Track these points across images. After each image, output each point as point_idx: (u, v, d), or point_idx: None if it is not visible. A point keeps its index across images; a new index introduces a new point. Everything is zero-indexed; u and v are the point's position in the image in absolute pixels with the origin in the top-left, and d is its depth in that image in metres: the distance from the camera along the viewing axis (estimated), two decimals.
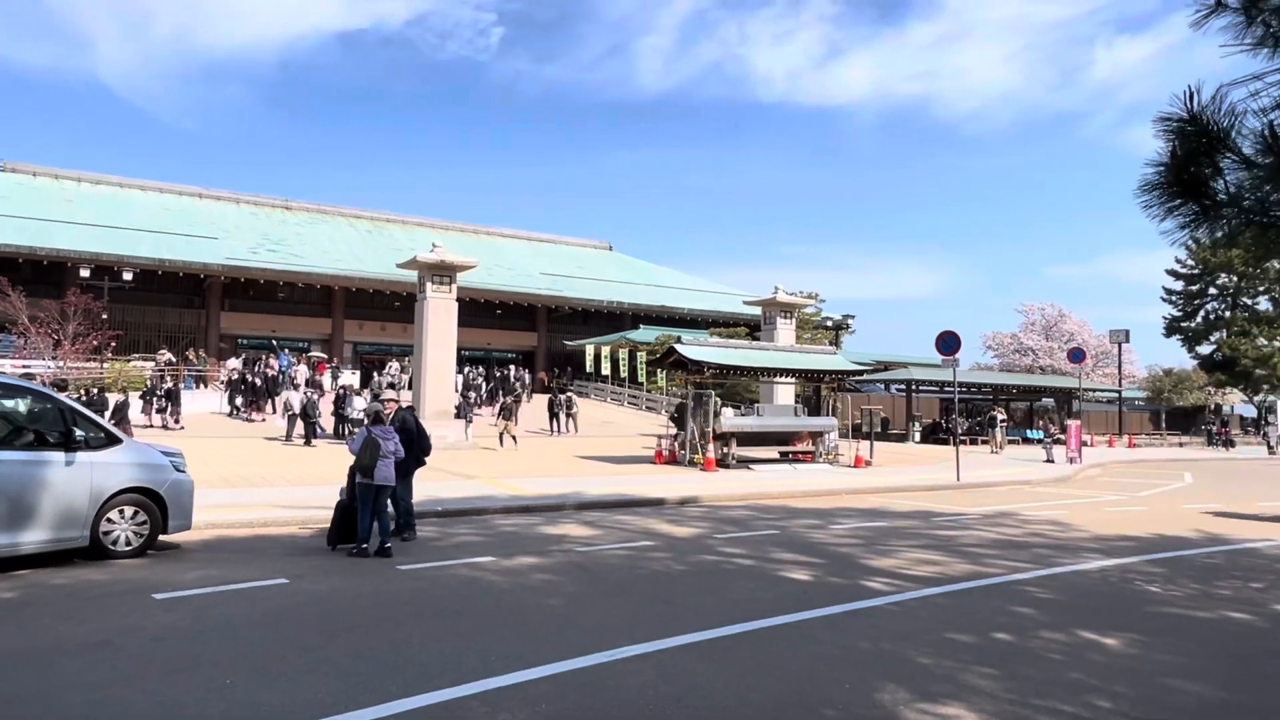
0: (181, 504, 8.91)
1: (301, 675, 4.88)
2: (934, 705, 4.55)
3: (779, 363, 22.84)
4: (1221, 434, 42.56)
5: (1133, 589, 7.85)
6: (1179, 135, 2.70)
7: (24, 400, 8.28)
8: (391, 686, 4.65)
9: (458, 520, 11.54)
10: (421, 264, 22.76)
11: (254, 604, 6.69)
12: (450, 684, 4.68)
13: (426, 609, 6.61)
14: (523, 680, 4.81)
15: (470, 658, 5.23)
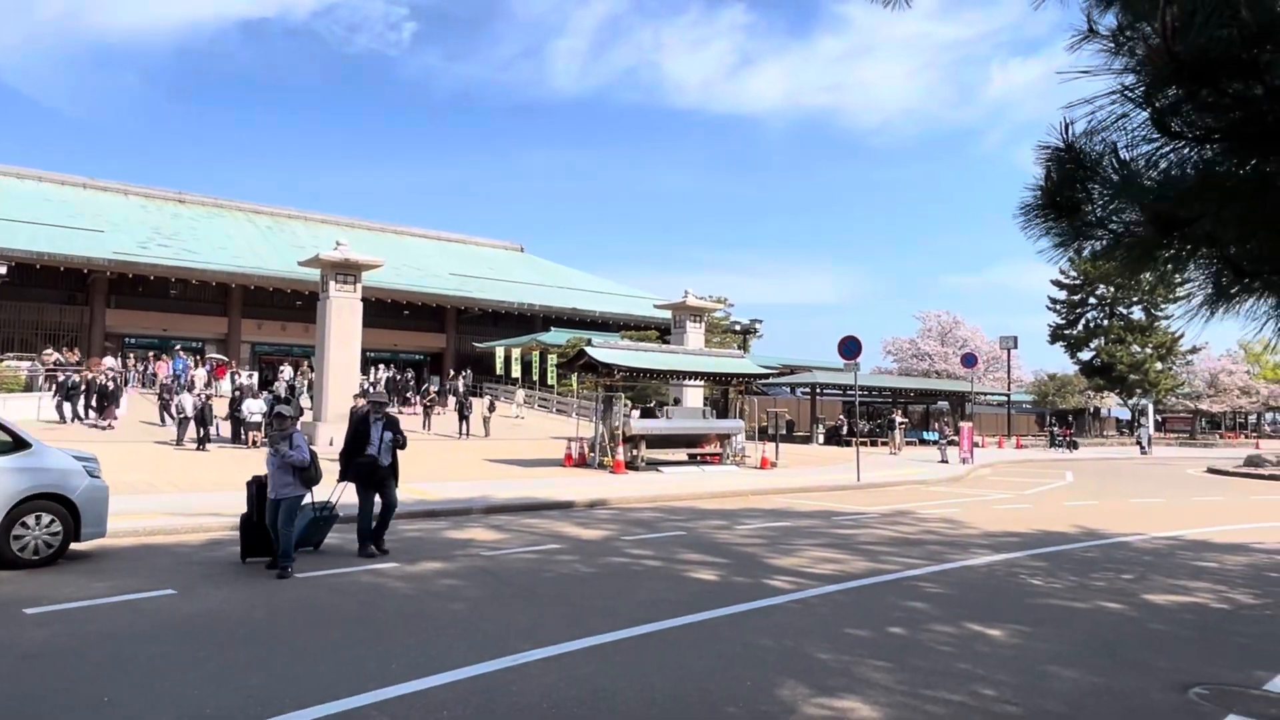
0: (96, 511, 8.58)
1: (188, 689, 4.67)
2: (831, 699, 4.69)
3: (688, 366, 23.11)
4: (1065, 435, 41.57)
5: (1017, 582, 8.27)
6: (1055, 162, 2.88)
7: None
8: (285, 698, 4.49)
9: None
10: (324, 262, 22.09)
11: (139, 616, 6.36)
12: (348, 694, 4.56)
13: (324, 618, 6.41)
14: (424, 688, 4.72)
15: (369, 666, 5.11)
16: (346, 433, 9.15)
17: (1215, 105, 2.17)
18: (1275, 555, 10.29)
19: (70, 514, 8.34)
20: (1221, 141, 2.24)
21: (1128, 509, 15.30)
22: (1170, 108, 2.24)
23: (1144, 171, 2.38)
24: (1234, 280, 2.47)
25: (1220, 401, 60.35)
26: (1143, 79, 2.28)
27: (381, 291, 38.35)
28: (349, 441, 9.05)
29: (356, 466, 8.92)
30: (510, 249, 59.38)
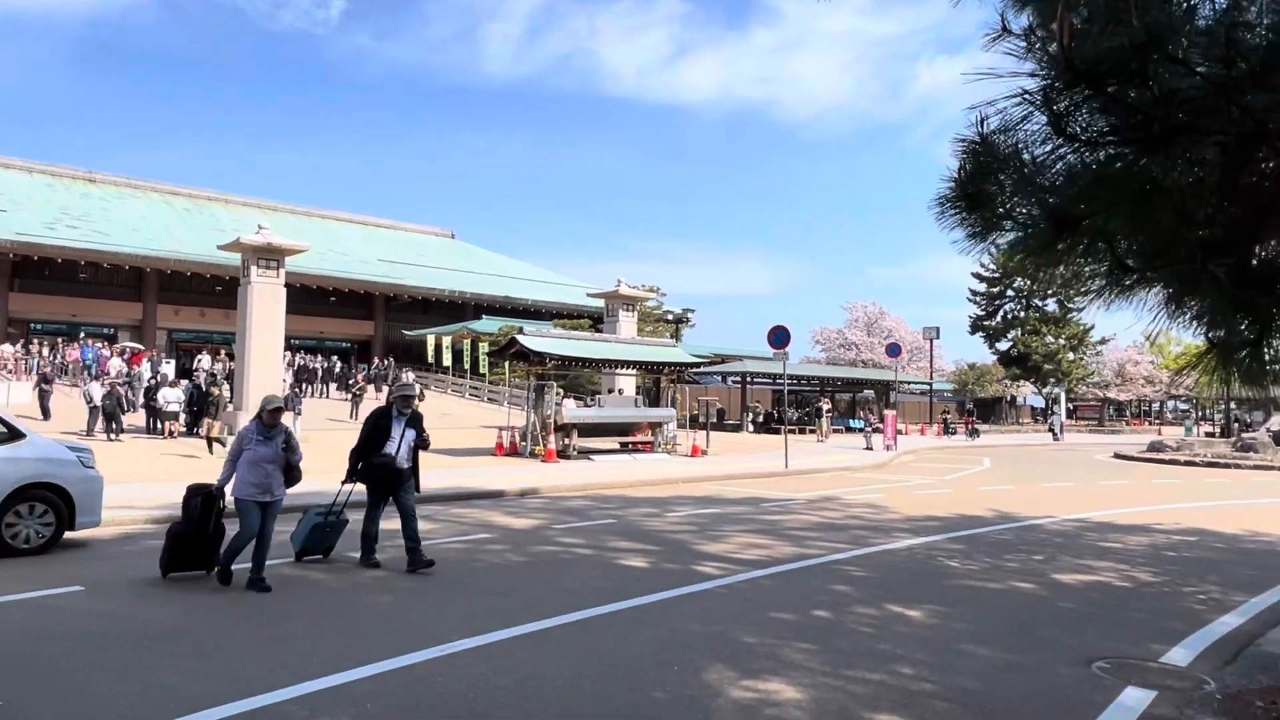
0: (90, 501, 8.72)
1: (95, 689, 4.49)
2: (756, 681, 4.79)
3: (621, 355, 23.15)
4: (968, 424, 41.22)
5: (936, 565, 8.55)
6: (969, 155, 2.97)
7: None
8: (200, 696, 4.36)
9: (284, 519, 10.91)
10: (246, 246, 21.38)
11: (43, 615, 6.09)
12: (266, 689, 4.45)
13: (243, 613, 6.24)
14: (347, 680, 4.64)
15: (290, 661, 4.99)
16: (363, 428, 7.89)
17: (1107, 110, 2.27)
18: (1173, 535, 10.87)
19: (65, 504, 8.44)
20: (1112, 144, 2.35)
21: (1040, 493, 15.95)
22: (1067, 111, 2.34)
23: (1042, 170, 2.48)
24: (1123, 274, 2.60)
25: (1127, 390, 63.32)
26: (1042, 82, 2.37)
27: (307, 277, 37.35)
28: (364, 439, 7.79)
29: (371, 467, 7.71)
30: (441, 235, 58.43)
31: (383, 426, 7.78)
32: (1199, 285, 2.47)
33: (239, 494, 6.88)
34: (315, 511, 8.06)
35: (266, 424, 6.98)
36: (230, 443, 7.15)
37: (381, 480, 7.78)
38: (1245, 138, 2.21)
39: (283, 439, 7.09)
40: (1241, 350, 2.73)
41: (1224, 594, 7.47)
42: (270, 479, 6.97)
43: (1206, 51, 2.11)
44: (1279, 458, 24.89)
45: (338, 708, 4.24)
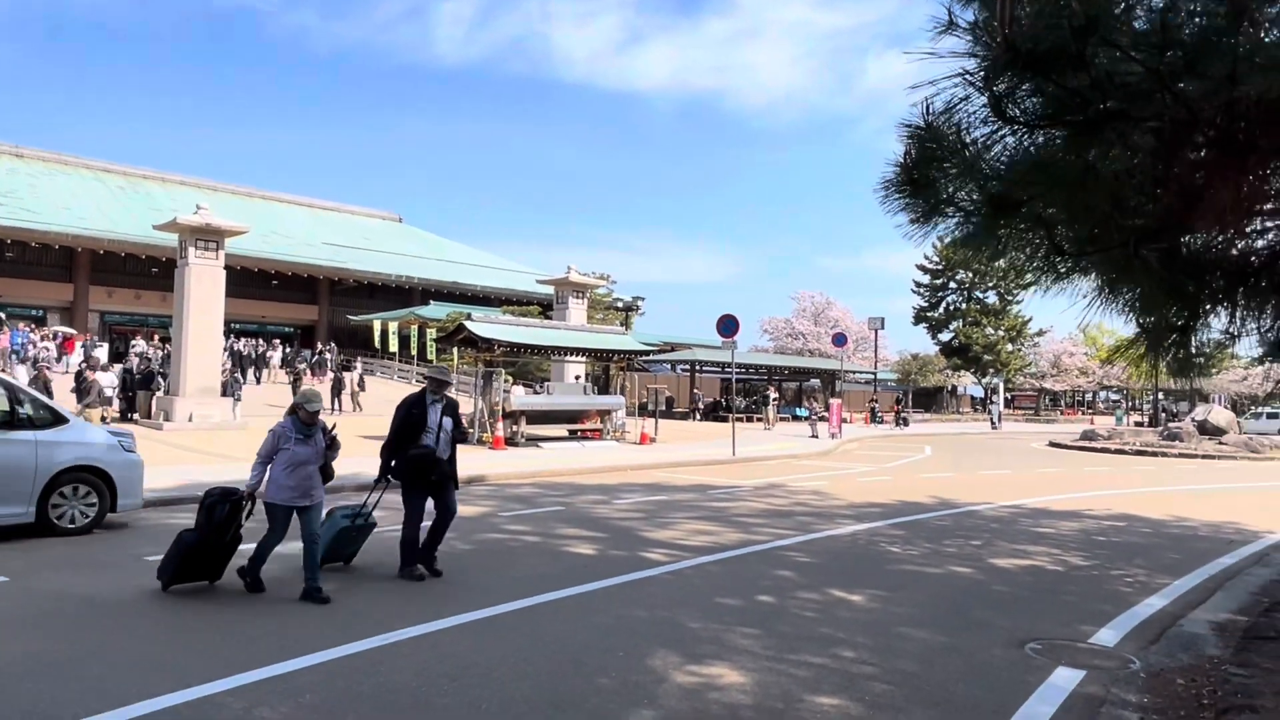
0: (131, 483, 9.05)
1: (16, 683, 4.33)
2: (700, 666, 4.83)
3: (570, 342, 23.07)
4: (895, 411, 41.10)
5: (878, 550, 8.72)
6: (914, 141, 3.00)
7: None
8: (130, 689, 4.23)
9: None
10: (183, 227, 20.71)
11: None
12: (202, 681, 4.34)
13: (176, 603, 6.07)
14: (286, 671, 4.55)
15: (228, 651, 4.88)
16: (394, 418, 7.08)
17: (1045, 92, 2.32)
18: (1103, 521, 11.26)
19: (107, 486, 8.77)
20: (1049, 127, 2.40)
21: (978, 480, 16.37)
22: (1007, 93, 2.39)
23: (983, 155, 2.53)
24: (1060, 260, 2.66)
25: (1062, 381, 65.24)
26: (982, 65, 2.41)
27: (248, 260, 36.40)
28: (397, 429, 6.99)
29: (408, 461, 6.89)
30: (388, 219, 57.45)
31: (416, 415, 6.95)
32: (1131, 271, 2.55)
33: (273, 498, 6.19)
34: (342, 513, 7.17)
35: (305, 421, 6.27)
36: (264, 442, 6.23)
37: (421, 474, 6.90)
38: (1178, 125, 2.28)
39: (325, 436, 6.43)
40: (1170, 336, 2.83)
41: (1149, 577, 7.76)
42: (310, 480, 6.27)
43: (1143, 38, 2.17)
44: (1202, 446, 25.95)
45: (276, 699, 4.16)
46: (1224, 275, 2.66)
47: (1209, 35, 2.13)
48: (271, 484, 6.21)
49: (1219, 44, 2.09)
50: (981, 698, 4.50)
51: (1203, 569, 8.19)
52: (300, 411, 6.31)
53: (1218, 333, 3.01)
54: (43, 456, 8.36)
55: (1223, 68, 2.05)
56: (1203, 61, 2.09)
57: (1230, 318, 2.83)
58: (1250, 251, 2.82)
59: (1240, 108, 2.10)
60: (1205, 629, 5.96)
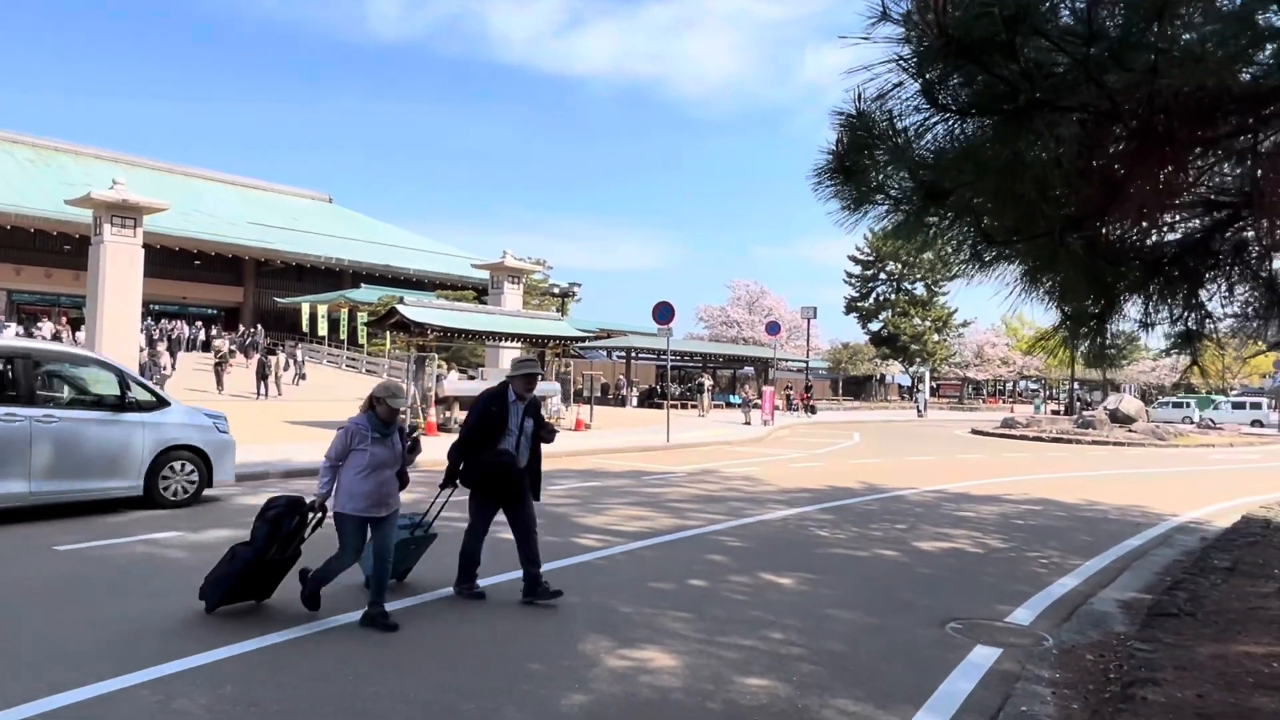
0: (224, 460, 9.89)
1: None
2: (632, 650, 4.85)
3: (505, 327, 22.85)
4: (802, 400, 39.94)
5: (807, 534, 8.90)
6: (847, 128, 3.04)
7: (87, 367, 9.52)
8: (37, 684, 4.05)
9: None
10: (98, 202, 19.80)
11: None
12: (115, 674, 4.18)
13: (88, 593, 5.83)
14: (206, 662, 4.42)
15: (144, 643, 4.71)
16: (470, 415, 6.08)
17: (975, 80, 2.38)
18: (1021, 505, 11.70)
19: (204, 463, 9.57)
20: (979, 115, 2.46)
21: (905, 466, 16.83)
22: (939, 79, 2.44)
23: (914, 142, 2.58)
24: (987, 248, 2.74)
25: (984, 370, 67.46)
26: (915, 52, 2.45)
27: (168, 238, 35.02)
28: (472, 429, 5.95)
29: (482, 469, 5.86)
30: (318, 199, 55.92)
31: (495, 414, 5.85)
32: (1055, 260, 2.64)
33: (346, 508, 5.25)
34: (401, 523, 6.07)
35: (383, 418, 5.31)
36: (332, 442, 5.29)
37: (495, 484, 5.87)
38: (1102, 116, 2.37)
39: (406, 436, 5.59)
40: (1088, 324, 2.94)
41: (1063, 558, 8.09)
42: (388, 487, 5.37)
43: (1071, 30, 2.24)
44: (1113, 434, 27.15)
45: (195, 690, 4.03)
46: (1140, 265, 2.78)
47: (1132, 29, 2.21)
48: (342, 492, 5.26)
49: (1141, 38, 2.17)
50: (904, 676, 4.64)
51: (1112, 550, 8.58)
52: (379, 406, 5.30)
53: (1133, 322, 3.16)
54: (149, 436, 9.15)
55: (1145, 61, 2.14)
56: (1127, 55, 2.17)
57: (1144, 307, 2.96)
58: (1165, 243, 2.95)
59: (1160, 101, 2.19)
60: (1113, 607, 6.26)
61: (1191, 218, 3.04)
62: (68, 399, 9.06)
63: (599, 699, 4.11)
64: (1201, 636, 5.14)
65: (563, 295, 38.68)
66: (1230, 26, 2.17)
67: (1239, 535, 8.99)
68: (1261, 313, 3.37)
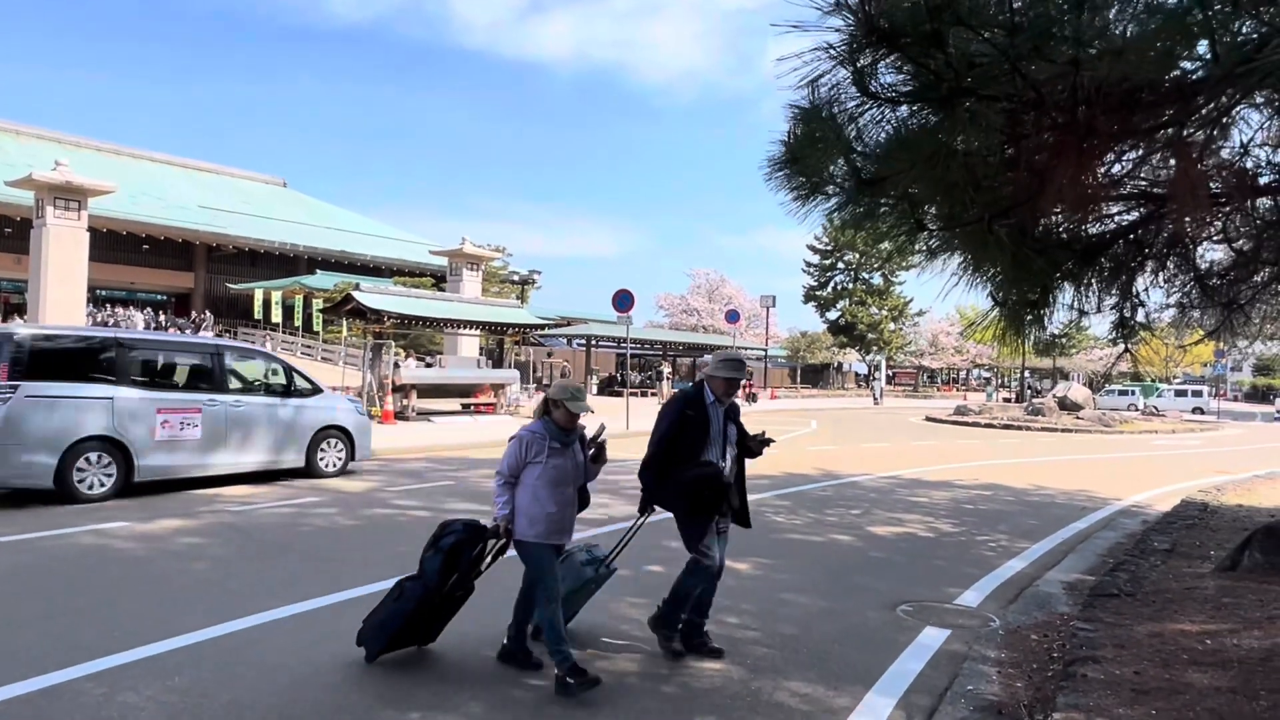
0: (365, 439, 11.79)
1: None
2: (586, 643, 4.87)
3: (464, 314, 22.67)
4: (746, 389, 36.84)
5: (764, 520, 8.99)
6: (800, 119, 3.07)
7: (258, 360, 11.39)
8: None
9: None
10: (41, 184, 19.20)
11: None
12: (57, 667, 4.09)
13: (31, 586, 5.69)
14: (153, 654, 4.35)
15: (87, 635, 4.61)
16: (659, 423, 4.86)
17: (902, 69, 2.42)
18: (971, 490, 11.96)
19: (349, 441, 11.44)
20: (908, 103, 2.50)
21: (860, 452, 17.08)
22: (870, 68, 2.47)
23: (850, 130, 2.62)
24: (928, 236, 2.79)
25: (939, 359, 68.68)
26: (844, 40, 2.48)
27: (115, 222, 34.04)
28: (664, 439, 4.78)
29: (688, 485, 4.64)
30: (272, 183, 54.73)
31: (693, 420, 4.72)
32: (988, 248, 2.70)
33: (526, 534, 4.30)
34: (581, 557, 5.03)
35: (562, 425, 4.39)
36: (505, 455, 4.35)
37: (709, 498, 4.67)
38: (1027, 106, 2.42)
39: (589, 444, 4.64)
40: (1023, 311, 3.02)
41: (1011, 541, 8.30)
42: (571, 507, 4.48)
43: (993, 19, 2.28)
44: (1062, 421, 27.84)
45: (141, 683, 3.97)
46: (1073, 254, 2.85)
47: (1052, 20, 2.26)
48: (520, 515, 4.31)
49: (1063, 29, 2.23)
50: (856, 657, 4.73)
51: (1058, 534, 8.82)
52: (556, 411, 4.38)
53: (1070, 310, 3.25)
54: (309, 418, 11.00)
55: (1067, 52, 2.19)
56: (1048, 45, 2.22)
57: (1078, 295, 3.05)
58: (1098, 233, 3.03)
59: (1084, 93, 2.25)
60: (1058, 589, 6.44)
61: (1128, 210, 3.13)
62: (246, 386, 10.74)
63: (552, 684, 4.12)
64: (1140, 616, 5.32)
65: (523, 283, 38.41)
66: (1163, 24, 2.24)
67: (1178, 518, 9.30)
68: (1198, 302, 3.49)
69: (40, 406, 8.65)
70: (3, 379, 8.55)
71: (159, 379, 9.93)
